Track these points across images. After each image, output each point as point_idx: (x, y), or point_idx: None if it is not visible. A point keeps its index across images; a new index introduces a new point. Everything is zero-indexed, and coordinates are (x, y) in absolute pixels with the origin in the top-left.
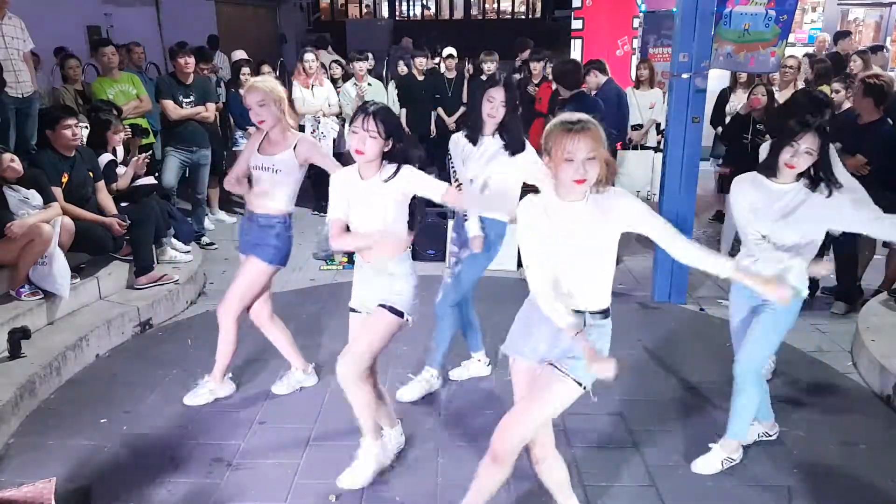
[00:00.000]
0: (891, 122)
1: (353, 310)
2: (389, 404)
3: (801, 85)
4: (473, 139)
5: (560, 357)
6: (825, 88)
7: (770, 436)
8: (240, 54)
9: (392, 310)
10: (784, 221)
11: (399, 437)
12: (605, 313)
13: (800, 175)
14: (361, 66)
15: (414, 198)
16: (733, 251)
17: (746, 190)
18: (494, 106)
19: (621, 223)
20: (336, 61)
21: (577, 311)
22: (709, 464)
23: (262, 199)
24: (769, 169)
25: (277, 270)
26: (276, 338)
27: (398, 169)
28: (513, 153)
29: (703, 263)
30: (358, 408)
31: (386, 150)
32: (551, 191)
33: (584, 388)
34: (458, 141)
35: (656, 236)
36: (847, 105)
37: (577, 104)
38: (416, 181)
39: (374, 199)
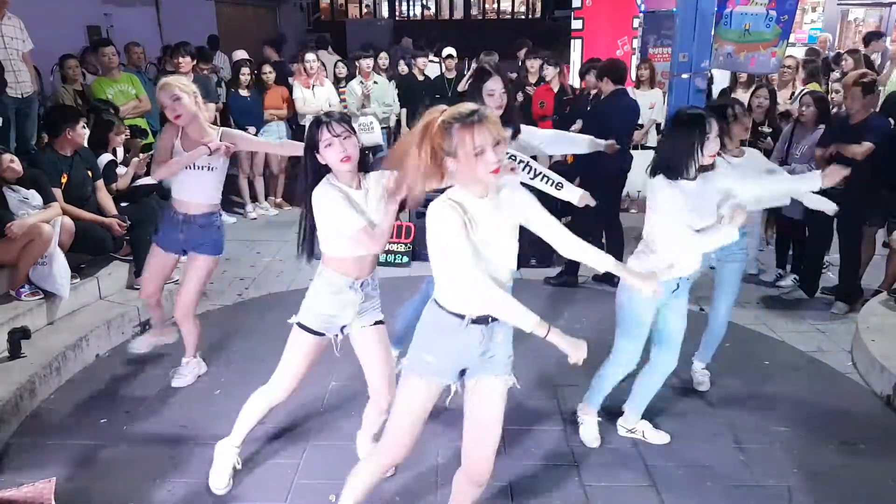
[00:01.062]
0: (882, 116)
1: (315, 332)
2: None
3: (799, 85)
4: None
5: (482, 364)
6: (815, 87)
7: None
8: (240, 54)
9: (377, 323)
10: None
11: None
12: None
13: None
14: (368, 64)
15: None
16: None
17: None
18: (496, 97)
19: (521, 217)
20: (340, 61)
21: (459, 315)
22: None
23: (196, 197)
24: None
25: None
26: (190, 331)
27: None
28: (514, 137)
29: (586, 257)
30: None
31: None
32: (461, 191)
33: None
34: None
35: (546, 231)
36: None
37: (616, 99)
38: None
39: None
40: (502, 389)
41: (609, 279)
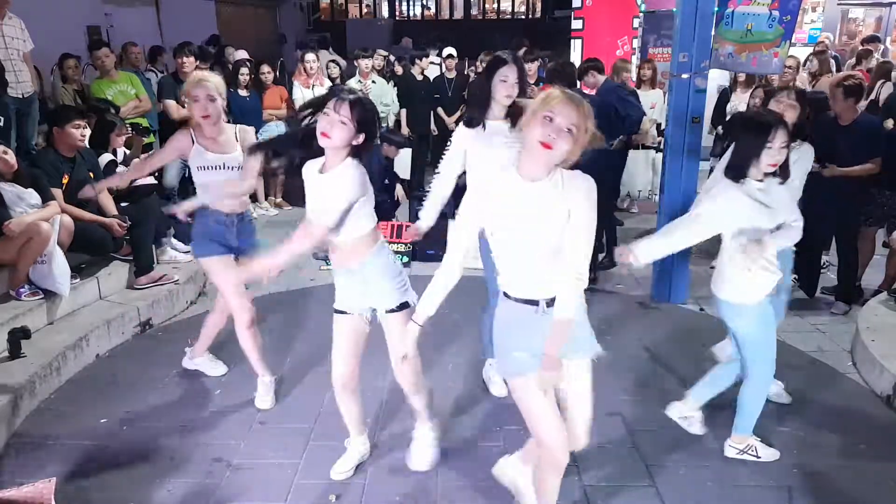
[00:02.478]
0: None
1: (339, 311)
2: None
3: (800, 85)
4: (477, 123)
5: (566, 348)
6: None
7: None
8: (241, 54)
9: (400, 307)
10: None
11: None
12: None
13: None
14: (367, 64)
15: (393, 178)
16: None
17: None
18: (509, 84)
19: (570, 205)
20: (333, 61)
21: (531, 301)
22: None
23: (232, 198)
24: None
25: None
26: (217, 324)
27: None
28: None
29: (559, 293)
30: (419, 400)
31: (355, 143)
32: (513, 168)
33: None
34: (464, 133)
35: (570, 236)
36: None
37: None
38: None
39: (327, 196)
40: (587, 366)
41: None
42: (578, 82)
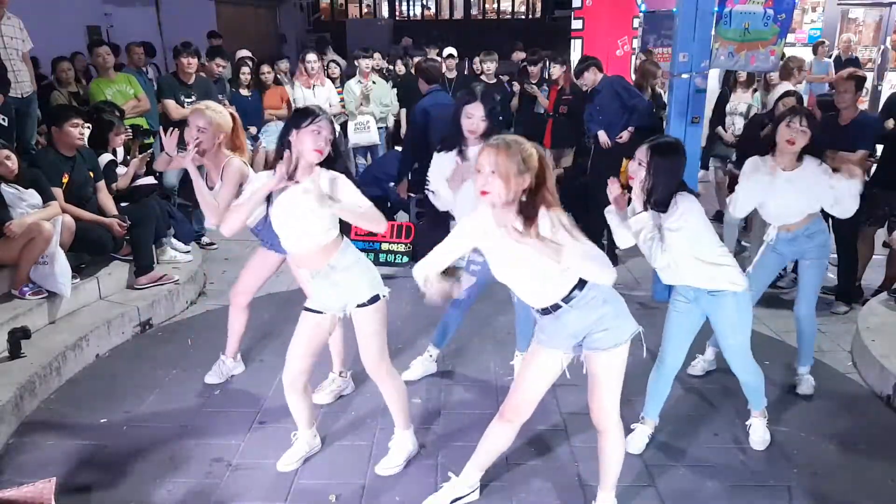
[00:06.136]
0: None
1: (311, 310)
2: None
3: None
4: (455, 149)
5: (590, 340)
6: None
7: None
8: (243, 54)
9: (371, 301)
10: None
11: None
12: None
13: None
14: (367, 64)
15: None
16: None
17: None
18: (474, 122)
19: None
20: (334, 61)
21: (546, 311)
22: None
23: None
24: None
25: None
26: (240, 321)
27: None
28: None
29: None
30: (392, 399)
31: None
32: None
33: (628, 341)
34: (441, 162)
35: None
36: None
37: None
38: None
39: (297, 203)
40: (606, 359)
41: None
42: (577, 79)
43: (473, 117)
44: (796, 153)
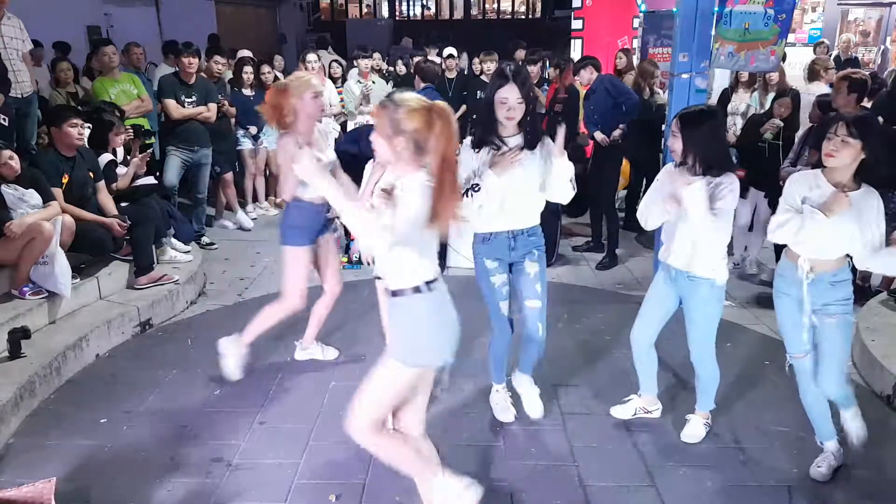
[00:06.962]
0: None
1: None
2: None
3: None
4: (491, 144)
5: None
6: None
7: (649, 412)
8: (243, 54)
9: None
10: None
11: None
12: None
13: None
14: (367, 64)
15: None
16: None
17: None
18: (510, 106)
19: None
20: (336, 61)
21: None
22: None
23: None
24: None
25: None
26: (325, 307)
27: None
28: (532, 147)
29: None
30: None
31: None
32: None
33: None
34: (469, 151)
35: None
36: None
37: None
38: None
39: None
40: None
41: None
42: (574, 77)
43: (508, 101)
44: (844, 168)
